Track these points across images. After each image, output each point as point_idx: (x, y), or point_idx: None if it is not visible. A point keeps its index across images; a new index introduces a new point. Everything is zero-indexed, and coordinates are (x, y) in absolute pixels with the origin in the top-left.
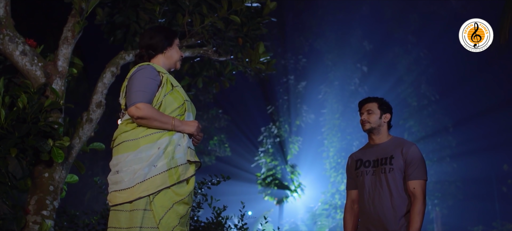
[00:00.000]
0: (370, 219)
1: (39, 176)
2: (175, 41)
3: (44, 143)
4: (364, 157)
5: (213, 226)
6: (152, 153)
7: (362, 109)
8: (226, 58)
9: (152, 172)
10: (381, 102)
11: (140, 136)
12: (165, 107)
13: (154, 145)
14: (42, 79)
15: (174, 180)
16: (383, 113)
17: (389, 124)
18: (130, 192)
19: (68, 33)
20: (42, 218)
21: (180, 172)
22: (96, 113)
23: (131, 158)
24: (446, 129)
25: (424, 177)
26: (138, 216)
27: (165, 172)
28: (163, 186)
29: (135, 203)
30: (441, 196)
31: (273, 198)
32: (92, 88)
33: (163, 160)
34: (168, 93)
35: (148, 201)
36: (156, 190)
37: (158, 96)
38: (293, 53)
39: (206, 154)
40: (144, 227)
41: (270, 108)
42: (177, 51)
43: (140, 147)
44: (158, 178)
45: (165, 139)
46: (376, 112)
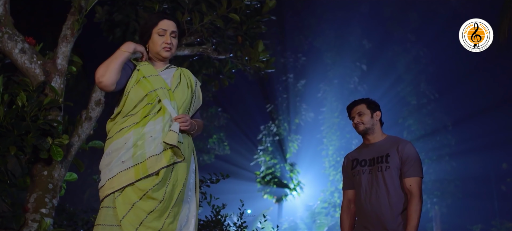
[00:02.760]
0: (368, 218)
1: (38, 174)
2: (154, 30)
3: (43, 141)
4: (360, 156)
5: (212, 224)
6: (120, 148)
7: (352, 113)
8: (226, 56)
9: (118, 168)
10: (368, 102)
11: (113, 133)
12: (132, 97)
13: (122, 140)
14: (41, 77)
15: (140, 175)
16: (373, 112)
17: (381, 121)
18: (102, 190)
19: (67, 31)
20: (41, 216)
21: (148, 165)
22: (95, 111)
23: (104, 156)
24: (446, 127)
25: (420, 175)
26: (103, 213)
27: (131, 167)
28: (128, 182)
29: (105, 200)
30: (440, 194)
31: (272, 196)
32: (91, 87)
33: (129, 155)
34: (136, 84)
35: (113, 198)
36: (120, 187)
37: (127, 88)
38: (292, 52)
39: (205, 152)
40: (106, 224)
41: (270, 107)
42: (157, 39)
43: (111, 144)
44: (123, 174)
45: (132, 133)
46: (366, 113)
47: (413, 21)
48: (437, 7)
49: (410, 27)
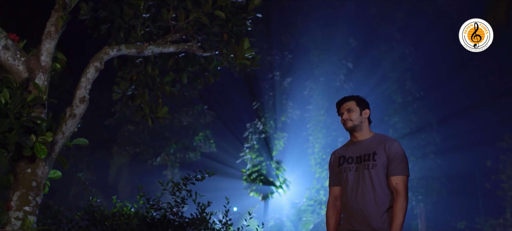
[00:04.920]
0: (353, 215)
1: (21, 171)
2: None
3: (26, 138)
4: (347, 153)
5: (198, 222)
6: None
7: (341, 109)
8: (211, 53)
9: None
10: (358, 100)
11: None
12: None
13: None
14: (25, 74)
15: None
16: (362, 110)
17: (369, 119)
18: None
19: (51, 27)
20: (25, 214)
21: None
22: (79, 108)
23: None
24: (431, 125)
25: (406, 173)
26: None
27: None
28: None
29: None
30: (425, 192)
31: (258, 194)
32: (76, 84)
33: None
34: None
35: None
36: None
37: None
38: (278, 50)
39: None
40: None
41: (256, 105)
42: None
43: None
44: None
45: None
46: (355, 110)
47: (399, 20)
48: (423, 6)
49: (396, 26)
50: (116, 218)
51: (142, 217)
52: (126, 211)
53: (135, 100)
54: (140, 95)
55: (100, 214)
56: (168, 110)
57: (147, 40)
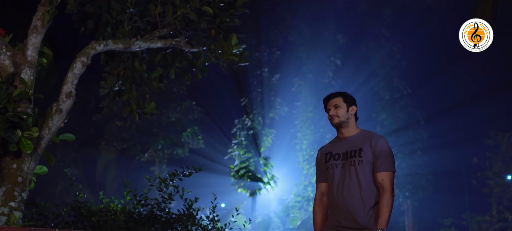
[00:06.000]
0: (339, 211)
1: (7, 167)
2: None
3: (12, 133)
4: (333, 149)
5: (185, 217)
6: None
7: (328, 105)
8: (199, 49)
9: None
10: (345, 96)
11: None
12: None
13: None
14: (11, 69)
15: None
16: (349, 106)
17: (355, 115)
18: None
19: (38, 22)
20: (10, 210)
21: None
22: (66, 103)
23: None
24: (418, 122)
25: (392, 169)
26: None
27: None
28: None
29: None
30: (412, 188)
31: (246, 190)
32: (63, 79)
33: None
34: None
35: None
36: None
37: None
38: (267, 46)
39: (179, 145)
40: None
41: (244, 101)
42: None
43: None
44: None
45: None
46: (342, 106)
47: (387, 17)
48: (412, 3)
49: (384, 23)
50: (103, 214)
51: (129, 213)
52: (113, 207)
53: (122, 96)
54: (127, 91)
55: (87, 210)
56: (156, 106)
57: (135, 36)
